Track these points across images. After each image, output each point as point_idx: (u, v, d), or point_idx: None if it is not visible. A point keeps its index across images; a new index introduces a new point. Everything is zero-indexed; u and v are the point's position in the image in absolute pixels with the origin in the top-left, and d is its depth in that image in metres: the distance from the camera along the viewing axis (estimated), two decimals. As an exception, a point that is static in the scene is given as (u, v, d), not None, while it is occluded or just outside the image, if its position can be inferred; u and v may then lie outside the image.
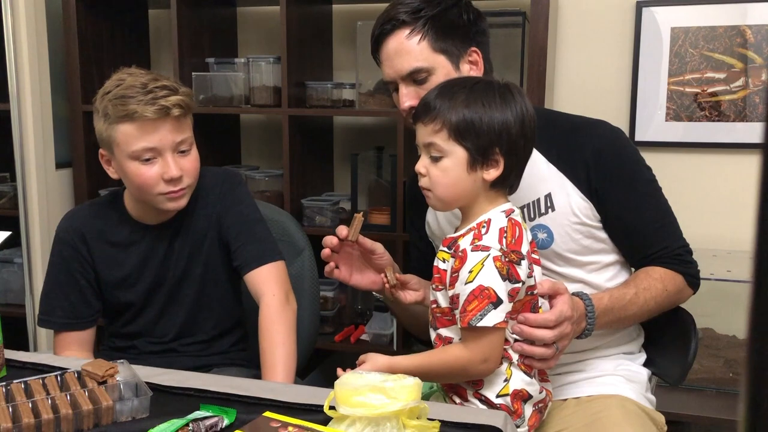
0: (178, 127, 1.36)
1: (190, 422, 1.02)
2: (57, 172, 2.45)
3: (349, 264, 1.38)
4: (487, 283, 1.08)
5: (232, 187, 1.53)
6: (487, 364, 1.12)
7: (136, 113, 1.30)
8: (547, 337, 1.12)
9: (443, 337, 1.19)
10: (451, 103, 1.13)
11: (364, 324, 2.34)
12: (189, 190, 1.42)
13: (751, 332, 0.36)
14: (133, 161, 1.34)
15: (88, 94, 2.39)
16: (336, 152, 2.58)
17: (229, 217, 1.50)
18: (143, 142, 1.33)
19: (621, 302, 1.27)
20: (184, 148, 1.38)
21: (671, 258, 1.34)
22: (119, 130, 1.33)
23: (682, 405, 1.93)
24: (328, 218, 2.27)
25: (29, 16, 2.29)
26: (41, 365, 1.26)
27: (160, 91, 1.32)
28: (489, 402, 1.15)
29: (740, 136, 2.16)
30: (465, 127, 1.12)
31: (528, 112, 1.14)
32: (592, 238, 1.33)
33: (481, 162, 1.13)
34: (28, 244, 2.37)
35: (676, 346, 1.43)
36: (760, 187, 0.34)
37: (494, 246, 1.10)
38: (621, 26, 2.25)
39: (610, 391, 1.34)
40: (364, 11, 2.43)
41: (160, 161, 1.35)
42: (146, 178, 1.35)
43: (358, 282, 1.39)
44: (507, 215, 1.15)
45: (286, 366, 1.35)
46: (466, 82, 1.17)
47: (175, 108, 1.33)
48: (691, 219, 2.22)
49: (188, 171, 1.39)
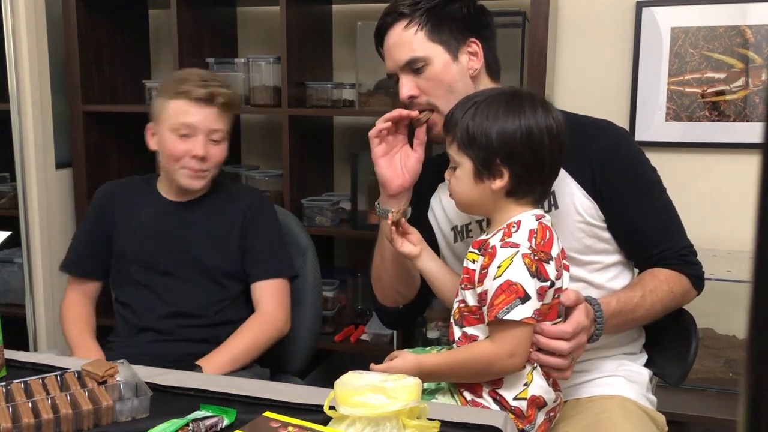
0: (218, 117, 1.57)
1: (190, 422, 1.02)
2: (57, 172, 2.45)
3: (388, 153, 1.37)
4: (515, 278, 1.08)
5: (260, 206, 1.70)
6: (513, 359, 1.11)
7: (190, 91, 1.54)
8: (563, 348, 1.12)
9: (469, 336, 1.18)
10: (462, 116, 1.17)
11: (364, 324, 2.34)
12: (208, 175, 1.61)
13: (751, 332, 0.36)
14: (172, 134, 1.56)
15: (88, 94, 2.39)
16: (336, 152, 2.58)
17: (255, 226, 1.66)
18: (186, 117, 1.55)
19: (628, 306, 1.27)
20: (217, 138, 1.58)
21: (676, 259, 1.34)
22: (171, 104, 1.56)
23: (682, 405, 1.93)
24: (328, 218, 2.27)
25: (29, 16, 2.29)
26: (41, 365, 1.26)
27: (213, 81, 1.58)
28: (503, 402, 1.14)
29: (740, 136, 2.16)
30: (468, 139, 1.16)
31: (540, 123, 1.14)
32: (595, 237, 1.33)
33: (487, 173, 1.15)
34: (28, 244, 2.37)
35: (677, 346, 1.43)
36: (760, 187, 0.34)
37: (524, 243, 1.11)
38: (621, 26, 2.24)
39: (610, 392, 1.34)
40: (364, 11, 2.43)
41: (193, 140, 1.55)
42: (177, 151, 1.56)
43: (386, 172, 1.36)
44: (537, 219, 1.15)
45: (223, 360, 1.51)
46: (482, 94, 1.20)
47: (221, 97, 1.56)
48: (691, 219, 2.21)
49: (213, 158, 1.59)
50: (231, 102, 1.60)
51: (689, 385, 2.00)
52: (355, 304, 2.45)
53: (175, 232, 1.63)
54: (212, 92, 1.55)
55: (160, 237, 1.63)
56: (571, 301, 1.15)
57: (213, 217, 1.65)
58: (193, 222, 1.64)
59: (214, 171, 1.62)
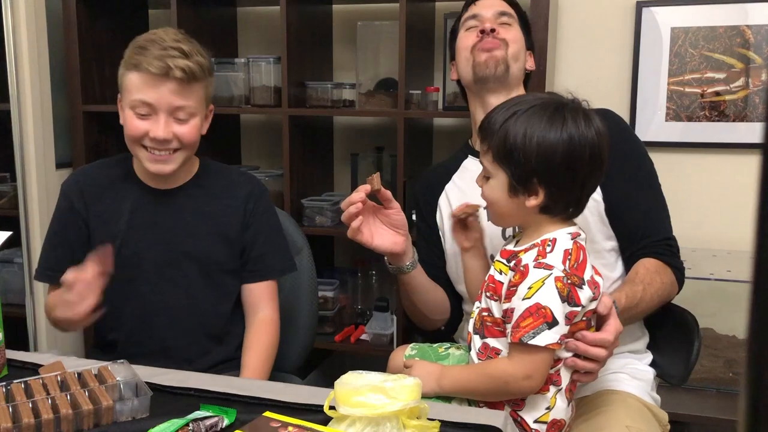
0: (181, 92, 1.36)
1: (190, 422, 1.02)
2: (57, 172, 2.45)
3: (368, 227, 1.37)
4: (545, 302, 1.05)
5: (262, 194, 1.55)
6: (529, 382, 1.09)
7: (142, 65, 1.33)
8: (603, 355, 1.11)
9: (490, 347, 1.16)
10: (500, 126, 1.11)
11: (364, 324, 2.34)
12: (178, 158, 1.41)
13: (751, 332, 0.36)
14: (131, 111, 1.37)
15: (88, 94, 2.39)
16: (336, 152, 2.58)
17: (256, 219, 1.52)
18: (142, 95, 1.35)
19: (634, 300, 1.28)
20: (182, 116, 1.38)
21: (663, 248, 1.37)
22: (128, 78, 1.37)
23: (683, 405, 1.93)
24: (328, 218, 2.27)
25: (29, 16, 2.29)
26: (41, 365, 1.26)
27: (173, 51, 1.34)
28: (523, 424, 1.13)
29: (740, 136, 2.16)
30: (505, 153, 1.11)
31: (582, 142, 1.08)
32: (596, 215, 1.36)
33: (522, 189, 1.11)
34: (28, 244, 2.37)
35: (679, 346, 1.44)
36: (760, 187, 0.34)
37: (557, 266, 1.07)
38: (621, 26, 2.25)
39: (613, 387, 1.35)
40: (364, 11, 2.43)
41: (152, 120, 1.36)
42: (134, 131, 1.37)
43: (381, 243, 1.37)
44: (573, 237, 1.12)
45: (264, 370, 1.45)
46: (524, 102, 1.13)
47: (178, 70, 1.33)
48: (691, 219, 2.23)
49: (181, 137, 1.38)
50: (191, 71, 1.35)
51: (689, 385, 2.00)
52: (355, 304, 2.45)
53: (161, 224, 1.46)
54: (166, 65, 1.32)
55: (143, 230, 1.45)
56: (607, 309, 1.13)
57: (206, 204, 1.48)
58: (182, 211, 1.47)
59: (186, 152, 1.41)
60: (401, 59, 2.05)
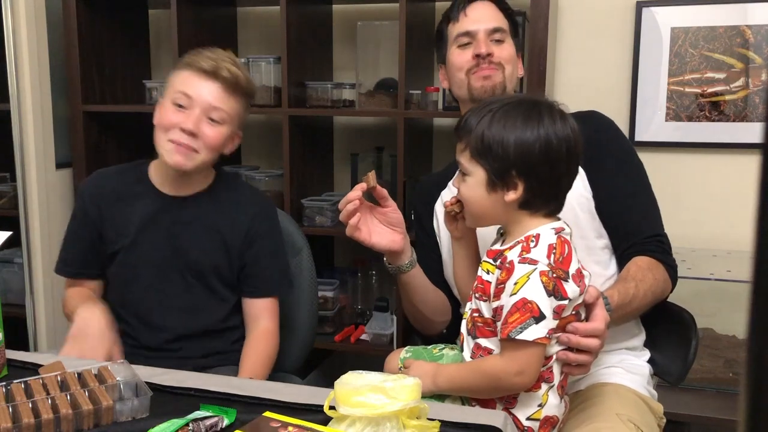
0: (221, 95, 1.45)
1: (190, 422, 1.02)
2: (57, 172, 2.45)
3: (366, 225, 1.38)
4: (531, 296, 1.06)
5: (269, 216, 1.61)
6: (521, 377, 1.09)
7: (194, 63, 1.45)
8: (596, 345, 1.12)
9: (482, 347, 1.16)
10: (477, 123, 1.13)
11: (364, 324, 2.34)
12: (197, 158, 1.46)
13: (751, 332, 0.36)
14: (170, 103, 1.45)
15: (88, 94, 2.39)
16: (336, 152, 2.58)
17: (261, 238, 1.56)
18: (185, 87, 1.44)
19: (627, 298, 1.28)
20: (216, 117, 1.45)
21: (654, 244, 1.38)
22: (177, 75, 1.47)
23: (682, 405, 1.93)
24: (328, 218, 2.27)
25: (29, 16, 2.29)
26: (41, 365, 1.26)
27: (226, 59, 1.46)
28: (516, 421, 1.13)
29: (740, 136, 2.16)
30: (483, 149, 1.12)
31: (559, 135, 1.10)
32: (587, 212, 1.37)
33: (500, 184, 1.12)
34: (28, 244, 2.37)
35: (677, 345, 1.44)
36: (760, 187, 0.34)
37: (542, 260, 1.08)
38: (621, 26, 2.24)
39: (606, 380, 1.36)
40: (364, 11, 2.43)
41: (187, 113, 1.43)
42: (166, 120, 1.44)
43: (378, 241, 1.37)
44: (557, 232, 1.13)
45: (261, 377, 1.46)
46: (499, 101, 1.16)
47: (226, 71, 1.44)
48: (691, 219, 2.23)
49: (206, 138, 1.45)
50: (237, 80, 1.45)
51: (689, 385, 2.00)
52: (355, 304, 2.45)
53: (168, 230, 1.51)
54: (217, 65, 1.43)
55: (154, 235, 1.51)
56: (593, 298, 1.14)
57: (214, 217, 1.53)
58: (191, 220, 1.52)
59: (206, 156, 1.46)
60: (401, 59, 2.05)
